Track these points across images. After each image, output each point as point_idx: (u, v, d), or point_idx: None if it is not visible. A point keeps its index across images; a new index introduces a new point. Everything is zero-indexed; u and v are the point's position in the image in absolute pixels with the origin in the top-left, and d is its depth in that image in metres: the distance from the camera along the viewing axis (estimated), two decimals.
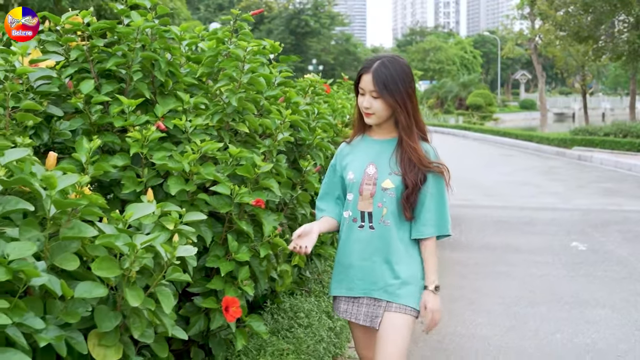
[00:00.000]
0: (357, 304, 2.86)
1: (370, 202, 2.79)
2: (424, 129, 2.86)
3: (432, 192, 2.79)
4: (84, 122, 3.16)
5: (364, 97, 2.76)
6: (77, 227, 2.33)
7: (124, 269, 2.31)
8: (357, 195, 2.82)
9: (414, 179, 2.74)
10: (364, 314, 2.84)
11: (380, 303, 2.80)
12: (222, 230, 3.16)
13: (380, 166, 2.81)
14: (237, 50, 3.37)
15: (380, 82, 2.70)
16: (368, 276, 2.81)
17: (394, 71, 2.72)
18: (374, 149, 2.87)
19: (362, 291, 2.83)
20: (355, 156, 2.91)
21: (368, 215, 2.80)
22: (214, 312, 3.02)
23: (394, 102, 2.71)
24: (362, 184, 2.81)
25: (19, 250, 2.03)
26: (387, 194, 2.77)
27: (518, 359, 4.69)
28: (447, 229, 2.85)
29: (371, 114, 2.78)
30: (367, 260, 2.81)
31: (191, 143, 3.07)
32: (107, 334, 2.33)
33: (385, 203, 2.77)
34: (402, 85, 2.72)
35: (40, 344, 2.08)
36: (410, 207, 2.76)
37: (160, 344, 2.60)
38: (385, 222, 2.77)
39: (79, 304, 2.27)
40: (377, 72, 2.71)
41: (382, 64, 2.73)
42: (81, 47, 3.38)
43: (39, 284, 2.09)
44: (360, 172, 2.83)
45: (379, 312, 2.80)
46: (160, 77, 3.36)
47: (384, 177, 2.78)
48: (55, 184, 2.22)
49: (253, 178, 3.14)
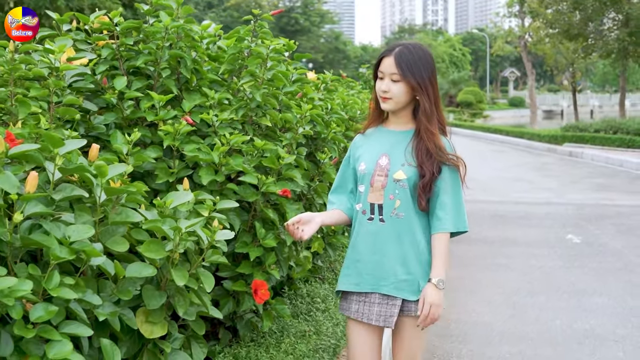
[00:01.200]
0: (369, 303, 2.70)
1: (381, 194, 2.68)
2: (444, 121, 2.76)
3: (448, 186, 2.68)
4: (117, 116, 3.33)
5: (383, 81, 2.66)
6: (124, 213, 2.51)
7: (168, 251, 2.49)
8: (368, 187, 2.71)
9: (430, 168, 2.63)
10: (376, 314, 2.68)
11: (394, 301, 2.66)
12: (248, 218, 3.34)
13: (393, 157, 2.69)
14: (260, 49, 3.54)
15: (403, 64, 2.60)
16: (377, 271, 2.68)
17: (417, 56, 2.63)
18: (389, 140, 2.76)
19: (371, 286, 2.69)
20: (368, 147, 2.79)
21: (378, 207, 2.69)
22: (243, 294, 3.21)
23: (417, 85, 2.61)
24: (373, 175, 2.70)
25: (78, 232, 2.21)
26: (399, 186, 2.65)
27: (521, 344, 4.89)
28: (465, 225, 2.74)
29: (388, 99, 2.66)
30: (376, 254, 2.68)
31: (220, 136, 3.25)
32: (154, 311, 2.51)
33: (397, 195, 2.66)
34: (425, 71, 2.63)
35: (100, 318, 2.26)
36: (425, 196, 2.65)
37: (198, 322, 2.78)
38: (398, 214, 2.66)
39: (129, 284, 2.45)
40: (400, 55, 2.61)
41: (405, 47, 2.65)
42: (110, 46, 3.55)
43: (97, 263, 2.28)
44: (373, 163, 2.72)
45: (393, 311, 2.66)
46: (186, 74, 3.54)
47: (396, 168, 2.67)
48: (106, 172, 2.40)
49: (277, 169, 3.33)
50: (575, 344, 4.89)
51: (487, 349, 4.78)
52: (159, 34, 3.51)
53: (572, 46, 28.21)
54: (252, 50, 3.63)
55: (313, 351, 3.47)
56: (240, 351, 3.24)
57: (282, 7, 72.69)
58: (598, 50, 26.54)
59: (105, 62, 3.49)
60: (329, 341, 3.67)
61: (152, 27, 3.50)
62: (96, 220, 2.44)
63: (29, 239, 2.07)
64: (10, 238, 2.07)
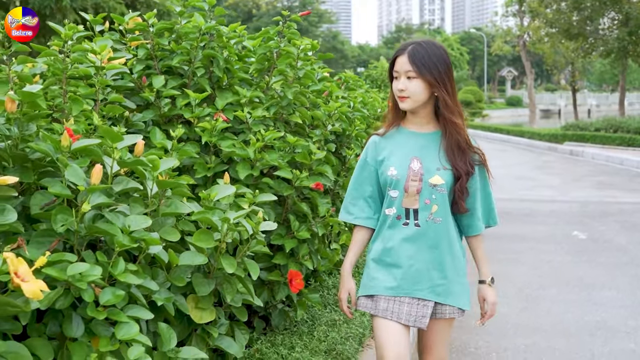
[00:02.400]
0: (398, 302, 2.66)
1: (416, 199, 2.63)
2: (463, 116, 2.73)
3: (479, 184, 2.71)
4: (154, 113, 3.46)
5: (399, 81, 2.62)
6: (174, 205, 2.65)
7: (216, 241, 2.63)
8: (402, 193, 2.65)
9: (464, 167, 2.62)
10: (406, 313, 2.65)
11: (427, 303, 2.65)
12: (281, 212, 3.48)
13: (426, 161, 2.65)
14: (290, 49, 3.68)
15: (417, 60, 2.57)
16: (413, 276, 2.65)
17: (431, 51, 2.60)
18: (416, 143, 2.70)
19: (405, 292, 2.66)
20: (394, 150, 2.72)
21: (413, 212, 2.65)
22: (278, 284, 3.34)
23: (433, 80, 2.58)
24: (407, 180, 2.64)
25: (136, 222, 2.34)
26: (437, 191, 2.62)
27: (535, 335, 5.03)
28: (495, 220, 2.81)
29: (406, 97, 2.61)
30: (411, 259, 2.65)
31: (255, 132, 3.38)
32: (204, 298, 2.65)
33: (434, 200, 2.63)
34: (441, 66, 2.60)
35: (158, 303, 2.40)
36: (465, 199, 2.65)
37: (241, 310, 2.92)
38: (435, 219, 2.63)
39: (181, 271, 2.59)
40: (413, 51, 2.58)
41: (417, 44, 2.62)
42: (145, 46, 3.68)
43: (155, 252, 2.41)
44: (404, 167, 2.66)
45: (425, 312, 2.64)
46: (219, 73, 3.67)
47: (431, 173, 2.63)
48: (158, 166, 2.53)
49: (309, 164, 3.46)
50: (588, 336, 5.03)
51: (503, 340, 4.92)
52: (192, 35, 3.64)
53: (572, 45, 28.36)
54: (282, 50, 3.76)
55: (344, 339, 3.62)
56: (276, 338, 3.39)
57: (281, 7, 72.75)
58: (598, 49, 26.71)
59: (141, 62, 3.62)
60: (357, 330, 3.82)
61: (186, 28, 3.63)
62: (148, 211, 2.57)
63: (96, 228, 2.20)
64: (77, 227, 2.21)
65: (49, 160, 2.39)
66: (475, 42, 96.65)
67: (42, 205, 2.27)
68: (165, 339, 2.35)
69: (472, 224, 2.75)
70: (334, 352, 3.42)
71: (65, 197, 2.22)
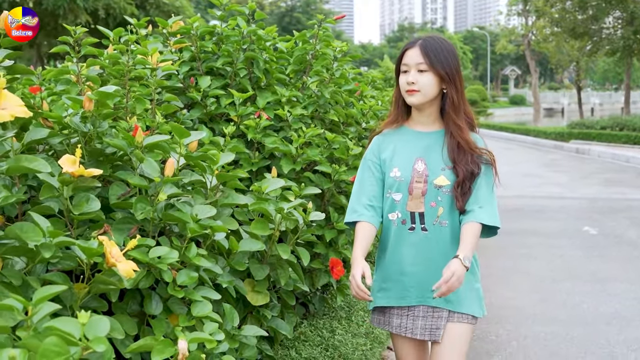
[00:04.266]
0: (413, 316, 2.58)
1: (421, 202, 2.53)
2: (471, 115, 2.64)
3: (482, 182, 2.55)
4: (201, 112, 3.68)
5: (409, 74, 2.52)
6: (231, 196, 2.87)
7: (271, 229, 2.85)
8: (407, 195, 2.55)
9: (463, 166, 2.51)
10: (421, 327, 2.56)
11: (441, 313, 2.55)
12: (321, 204, 3.69)
13: (430, 161, 2.56)
14: (327, 50, 3.90)
15: (430, 53, 2.49)
16: (424, 283, 2.53)
17: (443, 45, 2.53)
18: (421, 143, 2.61)
19: (417, 300, 2.56)
20: (397, 150, 2.63)
21: (419, 216, 2.54)
22: (319, 272, 3.56)
23: (445, 74, 2.49)
24: (411, 182, 2.54)
25: (203, 211, 2.56)
26: (442, 192, 2.52)
27: (553, 324, 5.24)
28: (498, 221, 2.54)
29: (416, 91, 2.51)
30: (420, 265, 2.55)
31: (296, 129, 3.60)
32: (259, 282, 2.87)
33: (440, 202, 2.53)
34: (452, 61, 2.53)
35: (223, 285, 2.62)
36: (462, 196, 2.51)
37: (290, 294, 3.14)
38: (441, 222, 2.53)
39: (240, 257, 2.80)
40: (426, 44, 2.51)
41: (430, 37, 2.56)
42: (189, 48, 3.90)
43: (220, 238, 2.63)
44: (408, 168, 2.57)
45: (439, 323, 2.55)
46: (259, 74, 3.89)
47: (436, 174, 2.54)
48: (218, 160, 2.76)
49: (346, 159, 3.68)
50: (603, 325, 5.24)
51: (522, 329, 5.13)
52: (234, 37, 3.86)
53: (577, 44, 28.56)
54: (317, 52, 3.98)
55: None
56: (317, 322, 3.61)
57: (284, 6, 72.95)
58: (603, 48, 26.91)
59: (186, 63, 3.84)
60: None
61: (229, 31, 3.85)
62: (208, 202, 2.79)
63: (171, 215, 2.42)
64: (153, 215, 2.43)
65: (121, 155, 2.60)
66: (479, 41, 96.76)
67: (119, 195, 2.49)
68: (229, 318, 2.57)
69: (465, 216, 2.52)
70: (372, 335, 3.64)
71: (142, 187, 2.44)
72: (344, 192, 3.76)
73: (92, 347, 1.53)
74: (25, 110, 1.99)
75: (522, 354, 4.62)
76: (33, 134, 2.36)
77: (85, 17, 20.18)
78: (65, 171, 2.19)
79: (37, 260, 2.03)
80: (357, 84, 4.70)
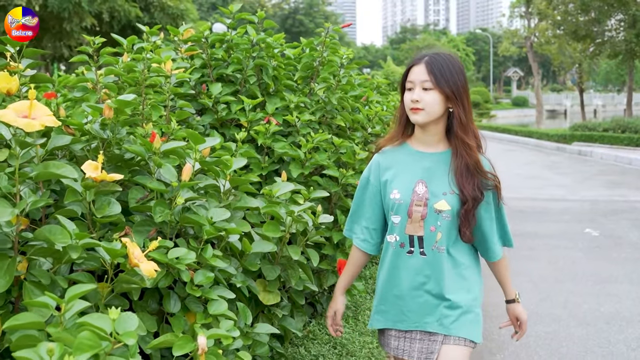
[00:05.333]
0: (410, 339, 2.53)
1: (420, 226, 2.46)
2: (478, 135, 2.55)
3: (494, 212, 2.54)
4: (212, 117, 3.80)
5: (413, 91, 2.43)
6: (243, 200, 2.99)
7: (282, 231, 2.96)
8: (406, 218, 2.48)
9: (471, 192, 2.43)
10: (417, 350, 2.51)
11: (436, 337, 2.49)
12: (328, 207, 3.81)
13: (431, 184, 2.47)
14: (334, 58, 4.02)
15: (436, 70, 2.40)
16: (421, 308, 2.49)
17: (449, 62, 2.45)
18: (423, 164, 2.52)
19: (415, 324, 2.51)
20: (398, 171, 2.55)
21: (418, 239, 2.47)
22: (327, 273, 3.68)
23: (451, 93, 2.40)
24: (411, 205, 2.46)
25: (217, 214, 2.68)
26: (442, 217, 2.44)
27: (554, 324, 5.36)
28: (511, 242, 2.65)
29: (420, 109, 2.41)
30: (419, 290, 2.49)
31: (304, 135, 3.72)
32: (271, 282, 2.99)
33: (439, 227, 2.44)
34: (459, 79, 2.44)
35: (237, 285, 2.74)
36: (470, 225, 2.46)
37: (299, 294, 3.26)
38: (439, 248, 2.46)
39: (252, 258, 2.92)
40: (432, 61, 2.43)
41: (435, 54, 2.47)
42: (201, 55, 4.02)
43: (234, 240, 2.75)
44: (408, 191, 2.48)
45: (434, 347, 2.49)
46: (268, 80, 4.01)
47: (437, 198, 2.45)
48: (231, 165, 2.88)
49: (353, 164, 3.80)
50: (604, 324, 5.35)
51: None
52: (243, 45, 3.98)
53: (580, 46, 28.67)
54: (324, 59, 4.10)
55: None
56: (325, 321, 3.72)
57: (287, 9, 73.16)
58: (605, 50, 27.02)
59: (197, 70, 3.96)
60: None
61: (239, 39, 3.97)
62: (221, 206, 2.91)
63: (188, 218, 2.54)
64: (171, 218, 2.55)
65: (138, 160, 2.73)
66: (481, 42, 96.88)
67: (138, 199, 2.61)
68: (243, 316, 2.70)
69: (489, 250, 2.59)
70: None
71: (161, 192, 2.57)
72: (350, 195, 3.88)
73: (123, 340, 1.64)
74: (54, 120, 2.11)
75: (524, 353, 4.74)
76: (56, 141, 2.48)
77: (90, 20, 20.32)
78: (88, 176, 2.31)
79: (64, 260, 2.15)
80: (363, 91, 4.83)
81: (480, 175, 2.46)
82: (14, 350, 1.73)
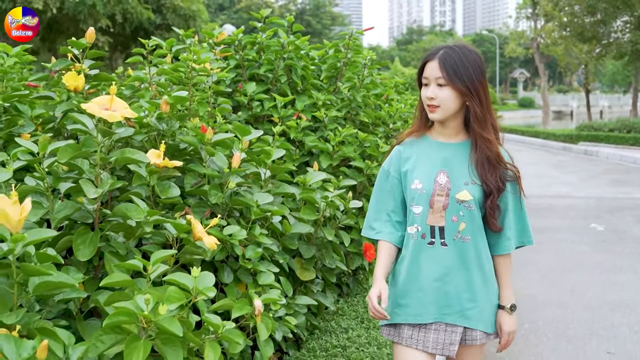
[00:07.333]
0: (425, 329, 2.47)
1: (442, 216, 2.43)
2: (497, 128, 2.50)
3: (510, 202, 2.50)
4: (247, 114, 4.14)
5: (428, 88, 2.40)
6: (282, 187, 3.32)
7: (318, 214, 3.30)
8: (427, 209, 2.44)
9: (494, 183, 2.42)
10: (432, 341, 2.45)
11: (456, 329, 2.45)
12: (354, 195, 4.15)
13: (453, 174, 2.45)
14: (358, 59, 4.36)
15: (449, 67, 2.36)
16: (442, 299, 2.44)
17: (464, 56, 2.39)
18: (442, 154, 2.49)
19: (434, 317, 2.45)
20: (419, 161, 2.51)
21: (439, 230, 2.44)
22: (353, 255, 4.01)
23: (465, 89, 2.37)
24: (432, 195, 2.43)
25: (262, 198, 3.01)
26: (465, 207, 2.42)
27: (561, 309, 5.69)
28: (530, 240, 2.59)
29: (436, 107, 2.39)
30: (439, 281, 2.44)
31: (332, 129, 4.06)
32: (307, 260, 3.32)
33: (462, 217, 2.42)
34: (474, 72, 2.39)
35: (280, 261, 3.07)
36: (498, 216, 2.45)
37: (331, 272, 3.59)
38: (463, 238, 2.43)
39: (291, 238, 3.26)
40: (445, 57, 2.38)
41: (449, 48, 2.41)
42: (234, 57, 4.36)
43: (276, 221, 3.09)
44: (430, 181, 2.45)
45: (454, 338, 2.45)
46: (297, 80, 4.35)
47: (459, 188, 2.43)
48: (272, 155, 3.21)
49: (377, 156, 4.14)
50: (608, 311, 5.67)
51: (533, 313, 5.58)
52: (274, 47, 4.32)
53: (586, 48, 28.95)
54: (348, 60, 4.44)
55: None
56: (352, 300, 4.07)
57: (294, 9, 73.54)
58: (611, 52, 27.29)
59: (232, 70, 4.30)
60: None
61: (271, 41, 4.31)
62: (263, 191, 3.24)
63: (238, 200, 2.88)
64: (223, 200, 2.88)
65: (191, 150, 3.06)
66: (487, 43, 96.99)
67: (192, 184, 2.95)
68: (286, 288, 3.04)
69: (499, 243, 2.52)
70: None
71: (213, 177, 2.90)
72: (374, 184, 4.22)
73: (204, 293, 1.98)
74: (131, 112, 2.45)
75: (533, 335, 5.06)
76: (122, 132, 2.81)
77: (104, 21, 20.71)
78: (153, 163, 2.65)
79: (137, 234, 2.49)
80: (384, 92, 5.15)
81: (501, 166, 2.45)
82: (107, 305, 2.07)
